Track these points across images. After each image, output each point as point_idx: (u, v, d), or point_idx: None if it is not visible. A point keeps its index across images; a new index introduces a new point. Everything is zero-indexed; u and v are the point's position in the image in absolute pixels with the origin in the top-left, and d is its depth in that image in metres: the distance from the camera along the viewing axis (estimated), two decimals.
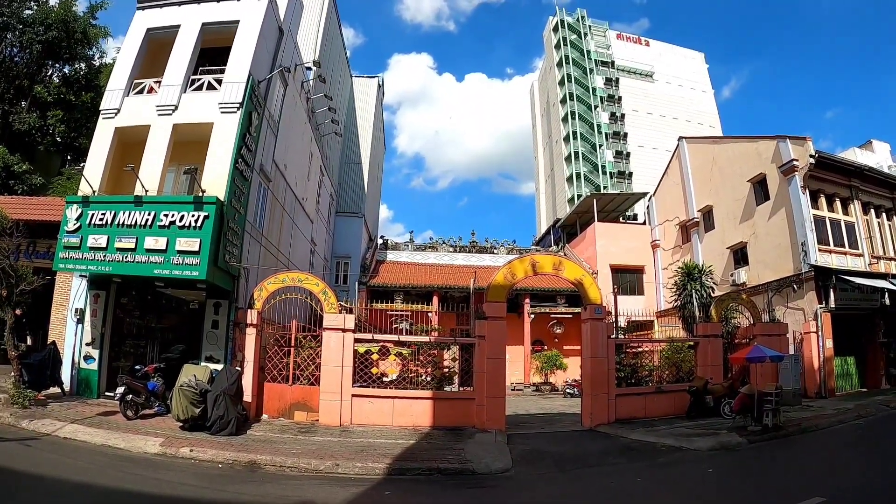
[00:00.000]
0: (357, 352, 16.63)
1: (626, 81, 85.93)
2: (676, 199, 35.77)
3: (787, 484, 9.96)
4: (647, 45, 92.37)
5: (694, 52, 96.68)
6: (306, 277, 17.57)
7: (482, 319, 16.95)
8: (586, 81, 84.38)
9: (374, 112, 42.66)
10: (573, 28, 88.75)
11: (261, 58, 19.32)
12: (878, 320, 25.69)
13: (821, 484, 9.80)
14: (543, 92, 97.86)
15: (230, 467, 10.80)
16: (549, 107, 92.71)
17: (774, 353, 16.74)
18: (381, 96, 46.23)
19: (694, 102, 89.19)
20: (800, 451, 13.28)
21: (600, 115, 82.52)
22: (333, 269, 34.77)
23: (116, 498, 8.50)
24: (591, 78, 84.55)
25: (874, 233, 27.12)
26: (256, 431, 14.34)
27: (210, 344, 17.25)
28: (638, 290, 38.15)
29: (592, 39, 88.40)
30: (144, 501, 8.44)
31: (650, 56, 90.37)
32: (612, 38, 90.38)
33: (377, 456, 11.61)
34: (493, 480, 10.49)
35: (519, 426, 17.66)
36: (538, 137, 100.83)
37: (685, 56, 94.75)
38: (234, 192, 16.93)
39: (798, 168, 24.87)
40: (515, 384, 35.08)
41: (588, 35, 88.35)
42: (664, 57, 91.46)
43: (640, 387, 19.24)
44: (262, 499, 8.77)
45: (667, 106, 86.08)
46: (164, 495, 8.65)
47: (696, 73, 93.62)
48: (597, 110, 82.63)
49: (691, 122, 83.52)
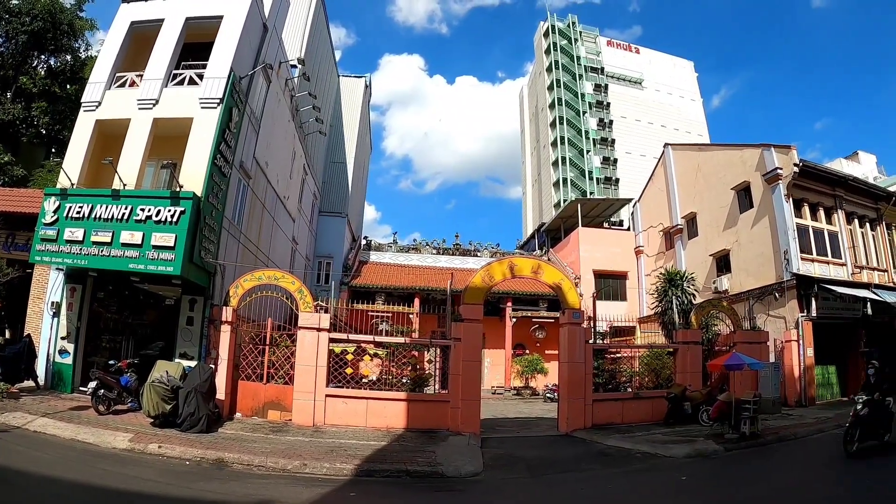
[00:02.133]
0: (333, 352, 16.51)
1: (615, 88, 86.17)
2: (661, 206, 35.91)
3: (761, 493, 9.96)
4: (637, 53, 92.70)
5: (684, 61, 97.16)
6: (282, 276, 17.42)
7: (458, 322, 16.83)
8: (575, 87, 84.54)
9: (360, 112, 42.58)
10: (564, 33, 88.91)
11: (243, 54, 19.21)
12: (859, 330, 25.90)
13: (794, 494, 9.85)
14: (533, 96, 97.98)
15: (197, 465, 10.73)
16: (538, 111, 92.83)
17: (753, 360, 16.76)
18: (368, 96, 46.18)
19: (682, 111, 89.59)
20: (776, 460, 13.26)
21: (588, 120, 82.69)
22: (315, 268, 34.60)
23: (80, 492, 8.40)
24: (580, 84, 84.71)
25: (857, 242, 27.29)
26: (228, 430, 14.21)
27: (184, 340, 17.11)
28: (621, 296, 38.30)
29: (583, 45, 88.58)
30: (108, 496, 8.35)
31: (640, 63, 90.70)
32: (602, 45, 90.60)
33: (347, 457, 11.52)
34: (462, 484, 10.41)
35: (494, 429, 17.58)
36: (526, 142, 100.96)
37: (675, 64, 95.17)
38: (212, 188, 16.80)
39: (782, 176, 25.03)
40: (496, 387, 35.17)
41: (578, 41, 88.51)
42: (654, 65, 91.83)
43: (618, 392, 19.25)
44: (225, 497, 8.70)
45: (655, 113, 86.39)
46: (128, 491, 8.56)
47: (686, 82, 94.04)
48: (585, 116, 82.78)
49: (679, 130, 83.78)
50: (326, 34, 36.93)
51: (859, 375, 25.11)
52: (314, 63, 31.65)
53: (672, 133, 78.94)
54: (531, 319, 36.56)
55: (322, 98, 33.58)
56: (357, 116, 42.16)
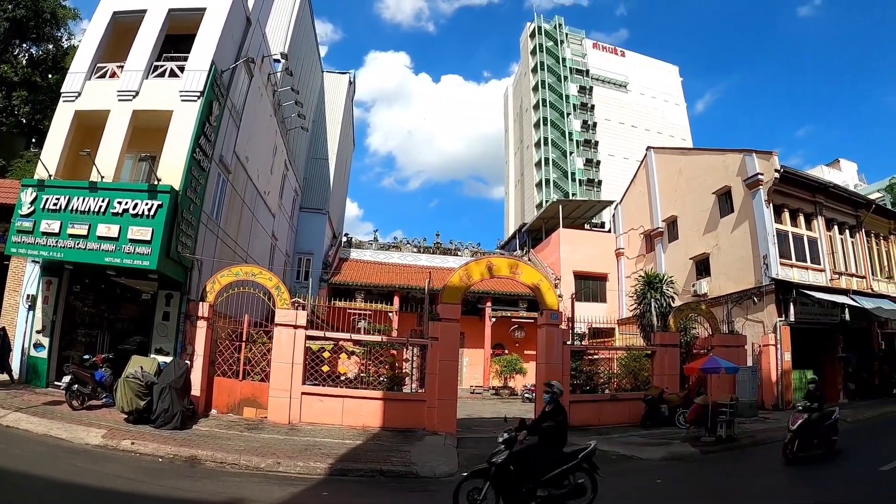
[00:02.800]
0: (309, 349, 16.45)
1: (599, 90, 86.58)
2: (642, 209, 36.08)
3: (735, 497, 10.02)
4: (622, 56, 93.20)
5: (669, 65, 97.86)
6: (260, 272, 17.31)
7: (436, 321, 16.83)
8: (560, 88, 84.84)
9: (343, 108, 42.38)
10: (550, 35, 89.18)
11: (226, 47, 19.07)
12: (837, 335, 26.17)
13: (768, 498, 9.99)
14: (517, 97, 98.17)
15: (170, 462, 10.66)
16: (522, 112, 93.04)
17: (730, 364, 16.89)
18: (351, 93, 45.97)
19: (666, 114, 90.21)
20: (751, 463, 13.39)
21: (572, 122, 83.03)
22: (295, 265, 34.44)
23: (51, 489, 8.33)
24: (565, 85, 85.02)
25: (836, 249, 27.56)
26: (202, 426, 14.10)
27: (160, 336, 16.98)
28: (600, 298, 38.37)
29: (569, 47, 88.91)
30: (79, 493, 8.29)
31: (625, 67, 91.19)
32: (588, 47, 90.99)
33: (321, 455, 11.48)
34: (436, 485, 10.38)
35: (471, 430, 17.59)
36: (510, 142, 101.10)
37: (660, 68, 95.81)
38: (191, 181, 16.65)
39: (763, 182, 25.19)
40: (475, 387, 35.17)
41: (564, 43, 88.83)
42: (639, 68, 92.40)
43: (596, 394, 19.33)
44: (197, 495, 8.67)
45: (639, 117, 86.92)
46: (100, 488, 8.51)
47: (670, 86, 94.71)
48: (569, 118, 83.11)
49: (663, 133, 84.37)
50: (311, 29, 36.70)
51: (837, 380, 25.55)
52: (298, 58, 31.46)
53: (655, 137, 79.48)
54: (510, 319, 36.62)
55: (305, 93, 33.40)
56: (340, 113, 41.95)
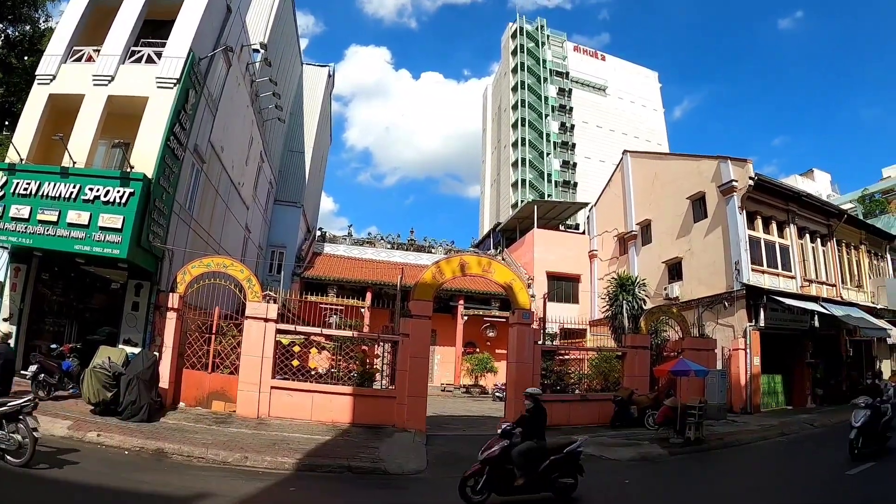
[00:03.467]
0: (280, 343, 16.33)
1: (578, 93, 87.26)
2: (617, 212, 36.31)
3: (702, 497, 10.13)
4: (602, 60, 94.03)
5: (648, 71, 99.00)
6: (231, 263, 17.12)
7: (407, 318, 16.80)
8: (539, 90, 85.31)
9: (321, 102, 42.09)
10: (531, 36, 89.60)
11: (204, 34, 18.83)
12: (806, 341, 26.58)
13: (734, 499, 10.16)
14: (496, 96, 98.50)
15: (136, 454, 10.58)
16: (501, 112, 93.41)
17: (699, 367, 17.03)
18: (330, 86, 45.70)
19: (644, 119, 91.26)
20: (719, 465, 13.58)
21: (550, 124, 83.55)
22: (268, 258, 34.10)
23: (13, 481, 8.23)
24: (544, 87, 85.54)
25: (808, 257, 28.07)
26: (170, 419, 13.97)
27: (129, 326, 16.70)
28: (573, 299, 38.59)
29: (549, 49, 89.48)
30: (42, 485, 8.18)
31: (605, 70, 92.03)
32: (569, 50, 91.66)
33: (289, 450, 11.42)
34: (403, 481, 10.42)
35: (441, 427, 17.62)
36: (487, 141, 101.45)
37: (639, 74, 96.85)
38: (164, 170, 16.40)
39: (737, 189, 25.48)
40: (446, 385, 35.15)
41: (546, 44, 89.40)
42: (619, 73, 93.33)
43: (566, 394, 19.39)
44: (162, 488, 8.56)
45: (617, 120, 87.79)
46: (64, 480, 8.41)
47: (649, 91, 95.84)
48: (547, 119, 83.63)
49: (640, 138, 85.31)
50: (292, 20, 36.43)
51: (805, 386, 25.96)
52: (277, 49, 31.20)
53: (632, 141, 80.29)
54: (483, 318, 36.61)
55: (283, 85, 33.15)
56: (318, 106, 41.63)
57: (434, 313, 17.46)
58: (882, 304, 30.71)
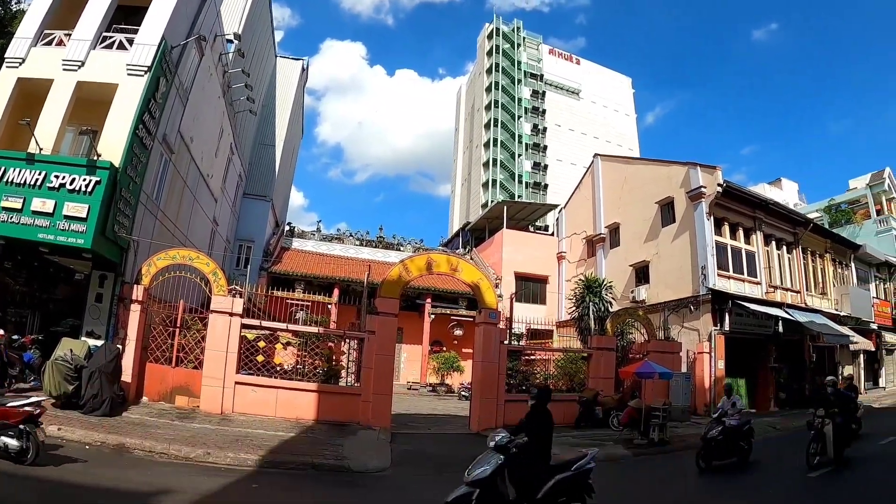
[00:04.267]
0: (245, 338, 16.19)
1: (552, 96, 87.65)
2: (586, 214, 36.63)
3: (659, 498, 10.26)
4: (577, 64, 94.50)
5: (622, 77, 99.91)
6: (198, 256, 16.91)
7: (374, 315, 16.79)
8: (513, 91, 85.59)
9: (294, 95, 41.77)
10: (507, 37, 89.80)
11: (178, 22, 18.60)
12: (770, 346, 27.08)
13: (695, 498, 10.42)
14: (470, 96, 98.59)
15: (97, 449, 10.44)
16: (474, 111, 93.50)
17: (664, 369, 17.24)
18: (304, 80, 45.37)
19: (616, 124, 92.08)
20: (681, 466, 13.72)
21: (523, 125, 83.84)
22: (235, 251, 33.75)
23: None
24: (518, 88, 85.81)
25: (773, 264, 28.63)
26: (132, 414, 13.77)
27: (93, 318, 16.39)
28: (541, 300, 38.88)
29: (525, 51, 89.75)
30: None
31: (579, 74, 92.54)
32: (544, 52, 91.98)
33: (252, 447, 11.34)
34: (366, 479, 10.41)
35: (406, 425, 17.64)
36: (460, 140, 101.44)
37: (613, 79, 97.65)
38: (132, 159, 16.13)
39: (705, 195, 25.91)
40: (412, 383, 35.17)
41: (521, 46, 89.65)
42: (593, 77, 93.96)
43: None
44: (123, 484, 8.48)
45: (589, 124, 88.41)
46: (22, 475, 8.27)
47: (622, 97, 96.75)
48: (520, 120, 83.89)
49: (611, 142, 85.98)
50: (268, 12, 36.12)
51: (768, 390, 26.43)
52: (251, 40, 30.90)
53: (604, 145, 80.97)
54: (450, 317, 36.71)
55: (256, 77, 32.81)
56: (291, 99, 41.28)
57: (401, 311, 17.47)
58: (845, 312, 31.54)
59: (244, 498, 8.93)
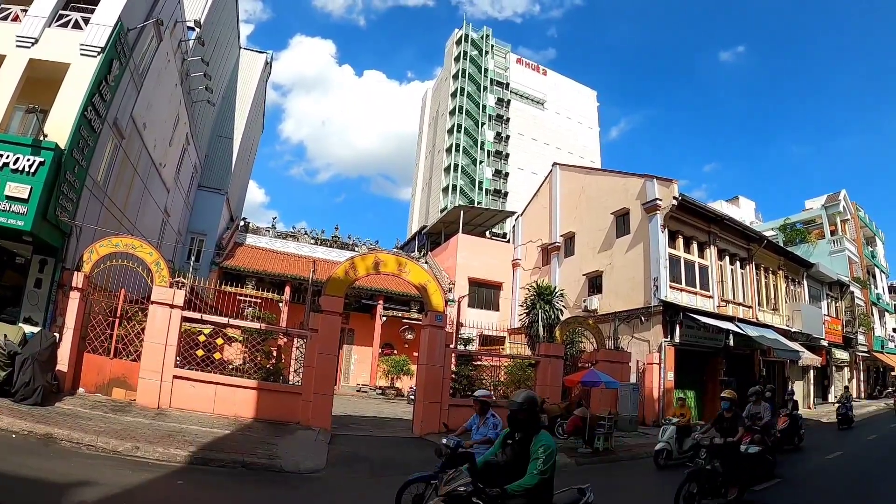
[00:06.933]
0: (187, 331, 15.89)
1: (517, 104, 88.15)
2: (542, 222, 36.96)
3: None
4: (544, 74, 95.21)
5: (588, 89, 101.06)
6: (141, 245, 16.51)
7: (318, 312, 16.65)
8: (478, 98, 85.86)
9: (256, 88, 41.34)
10: (476, 44, 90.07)
11: (136, 4, 18.17)
12: (720, 359, 27.55)
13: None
14: (436, 101, 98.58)
15: (24, 438, 10.14)
16: (439, 116, 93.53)
17: (609, 379, 17.44)
18: (267, 73, 44.96)
19: (579, 136, 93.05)
20: (623, 476, 13.91)
21: (486, 132, 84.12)
22: (187, 244, 33.12)
23: None
24: (483, 95, 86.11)
25: (726, 278, 29.30)
26: (66, 404, 13.34)
27: (31, 304, 15.81)
28: (494, 306, 39.03)
29: (493, 59, 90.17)
30: None
31: (545, 85, 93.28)
32: (511, 61, 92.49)
33: (184, 443, 11.11)
34: (298, 480, 10.27)
35: (348, 427, 17.52)
36: (422, 144, 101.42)
37: (579, 91, 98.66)
38: (78, 141, 15.65)
39: (661, 207, 26.36)
40: (361, 385, 35.09)
41: (489, 54, 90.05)
42: (559, 88, 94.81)
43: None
44: (44, 474, 8.21)
45: (552, 135, 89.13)
46: None
47: (587, 109, 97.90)
48: (483, 127, 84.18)
49: (574, 153, 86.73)
50: (233, 2, 35.70)
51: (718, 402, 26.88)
52: (214, 29, 30.46)
53: (566, 156, 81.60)
54: (401, 320, 36.63)
55: (217, 67, 32.35)
56: (252, 92, 40.83)
57: (353, 313, 17.43)
58: (797, 328, 32.46)
59: (166, 494, 8.75)
